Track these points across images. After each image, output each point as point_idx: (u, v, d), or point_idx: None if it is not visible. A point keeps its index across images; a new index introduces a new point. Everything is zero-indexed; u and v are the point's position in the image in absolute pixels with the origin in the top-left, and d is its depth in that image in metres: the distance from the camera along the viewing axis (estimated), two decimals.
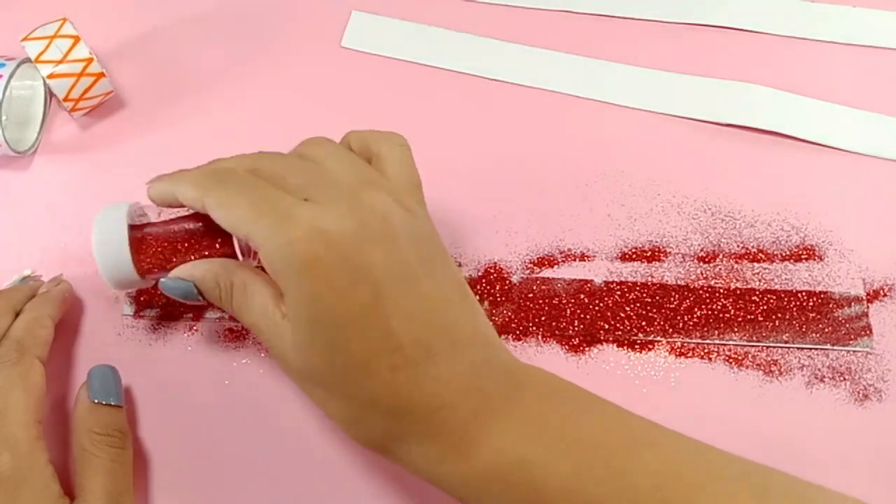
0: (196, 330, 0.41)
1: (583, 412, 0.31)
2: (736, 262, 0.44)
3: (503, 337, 0.42)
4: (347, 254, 0.30)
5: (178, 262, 0.35)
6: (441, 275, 0.32)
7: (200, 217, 0.35)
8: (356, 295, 0.30)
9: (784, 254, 0.44)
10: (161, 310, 0.41)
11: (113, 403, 0.37)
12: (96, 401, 0.36)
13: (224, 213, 0.32)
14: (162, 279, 0.35)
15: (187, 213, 0.36)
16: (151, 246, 0.35)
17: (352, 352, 0.30)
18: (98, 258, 0.35)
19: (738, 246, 0.44)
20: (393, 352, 0.30)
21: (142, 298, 0.42)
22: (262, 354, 0.41)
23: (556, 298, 0.43)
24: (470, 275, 0.43)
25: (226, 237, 0.35)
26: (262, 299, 0.32)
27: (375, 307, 0.30)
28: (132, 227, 0.35)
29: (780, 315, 0.42)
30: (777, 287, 0.43)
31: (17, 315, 0.38)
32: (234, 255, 0.36)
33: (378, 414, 0.31)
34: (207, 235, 0.36)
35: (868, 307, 0.43)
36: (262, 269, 0.33)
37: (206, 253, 0.36)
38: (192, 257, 0.36)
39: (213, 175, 0.33)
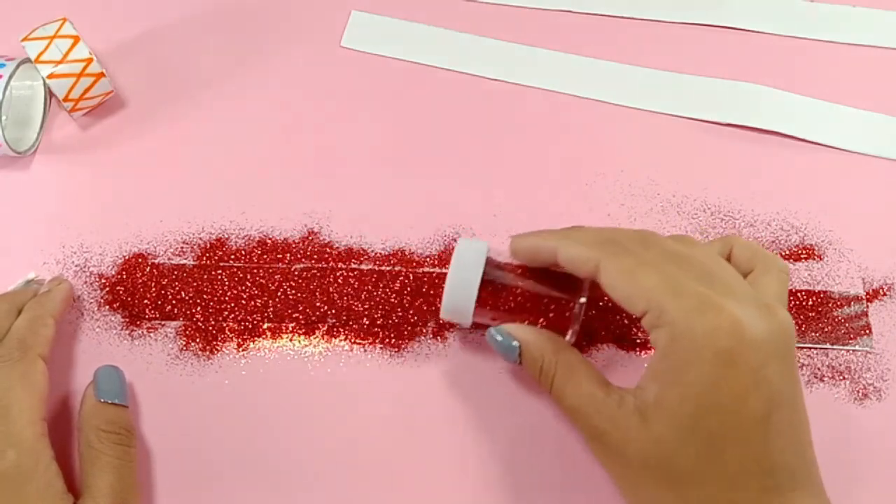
0: None
1: None
2: None
3: None
4: (755, 359, 0.29)
5: (512, 318, 0.36)
6: (804, 406, 0.32)
7: (550, 280, 0.36)
8: (751, 404, 0.29)
9: (783, 253, 0.44)
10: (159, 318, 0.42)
11: (119, 403, 0.37)
12: (102, 400, 0.36)
13: (626, 281, 0.31)
14: (492, 328, 0.36)
15: (537, 271, 0.36)
16: (496, 294, 0.36)
17: (727, 460, 0.29)
18: (449, 287, 0.35)
19: None
20: (766, 473, 0.29)
21: (135, 311, 0.42)
22: (262, 354, 0.41)
23: None
24: None
25: (561, 307, 0.36)
26: (590, 384, 0.32)
27: (763, 422, 0.29)
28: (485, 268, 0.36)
29: None
30: None
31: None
32: (561, 328, 0.36)
33: None
34: (547, 300, 0.36)
35: (868, 306, 0.43)
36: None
37: (540, 316, 0.36)
38: (526, 317, 0.36)
39: (611, 241, 0.33)
